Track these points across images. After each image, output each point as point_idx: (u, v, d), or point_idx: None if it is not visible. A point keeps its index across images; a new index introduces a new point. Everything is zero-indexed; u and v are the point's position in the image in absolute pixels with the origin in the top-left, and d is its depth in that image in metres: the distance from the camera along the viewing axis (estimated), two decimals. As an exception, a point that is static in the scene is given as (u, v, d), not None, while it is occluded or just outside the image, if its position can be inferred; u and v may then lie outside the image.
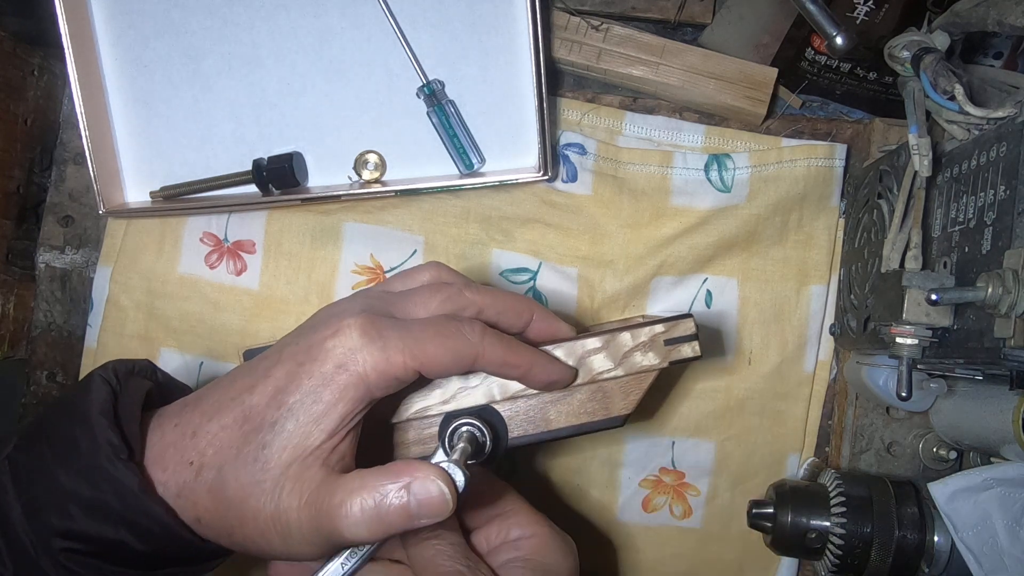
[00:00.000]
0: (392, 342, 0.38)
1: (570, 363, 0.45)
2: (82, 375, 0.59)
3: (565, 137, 0.58)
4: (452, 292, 0.43)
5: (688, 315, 0.46)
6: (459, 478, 0.38)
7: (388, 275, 0.59)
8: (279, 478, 0.37)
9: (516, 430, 0.45)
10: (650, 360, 0.45)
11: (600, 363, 0.45)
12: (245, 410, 0.38)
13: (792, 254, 0.58)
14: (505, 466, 0.58)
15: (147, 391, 0.40)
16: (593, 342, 0.45)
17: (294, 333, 0.41)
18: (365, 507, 0.36)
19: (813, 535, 0.49)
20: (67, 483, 0.36)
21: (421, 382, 0.42)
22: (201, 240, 0.58)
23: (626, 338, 0.45)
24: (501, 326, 0.44)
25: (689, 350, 0.46)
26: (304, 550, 0.38)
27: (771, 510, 0.50)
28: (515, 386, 0.44)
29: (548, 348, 0.45)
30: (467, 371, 0.42)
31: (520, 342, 0.43)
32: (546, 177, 0.56)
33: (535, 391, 0.45)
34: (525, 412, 0.45)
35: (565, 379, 0.44)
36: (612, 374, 0.45)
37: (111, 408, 0.38)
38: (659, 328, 0.46)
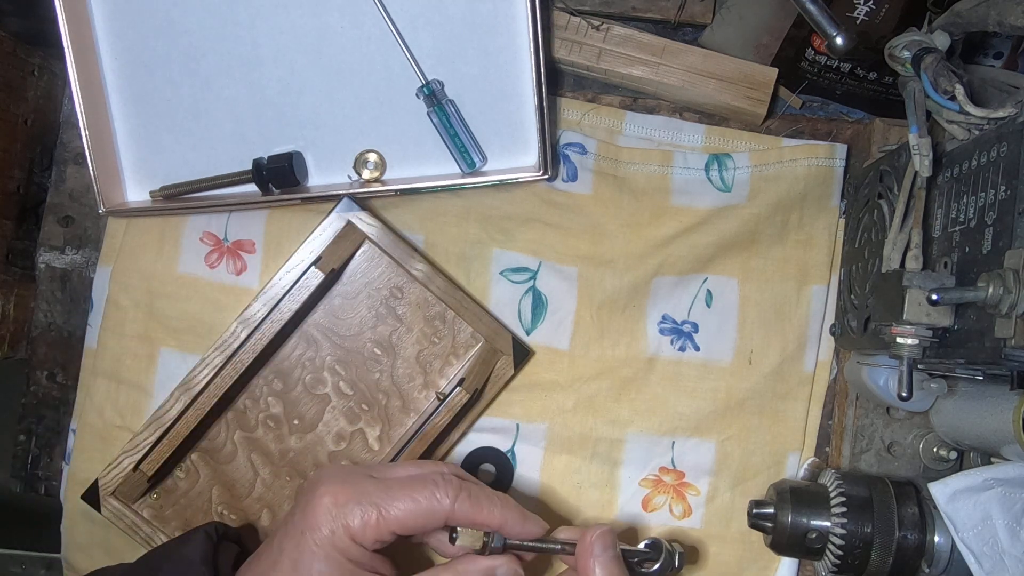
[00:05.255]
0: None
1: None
2: (82, 375, 0.59)
3: (565, 137, 0.58)
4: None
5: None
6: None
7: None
8: None
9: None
10: None
11: None
12: None
13: (792, 254, 0.58)
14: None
15: (236, 554, 0.49)
16: None
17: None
18: None
19: (813, 535, 0.49)
20: None
21: None
22: (201, 240, 0.58)
23: None
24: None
25: None
26: None
27: (771, 510, 0.50)
28: None
29: None
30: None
31: (491, 498, 0.46)
32: (546, 176, 0.55)
33: None
34: None
35: (539, 531, 0.47)
36: None
37: (212, 559, 0.46)
38: None
